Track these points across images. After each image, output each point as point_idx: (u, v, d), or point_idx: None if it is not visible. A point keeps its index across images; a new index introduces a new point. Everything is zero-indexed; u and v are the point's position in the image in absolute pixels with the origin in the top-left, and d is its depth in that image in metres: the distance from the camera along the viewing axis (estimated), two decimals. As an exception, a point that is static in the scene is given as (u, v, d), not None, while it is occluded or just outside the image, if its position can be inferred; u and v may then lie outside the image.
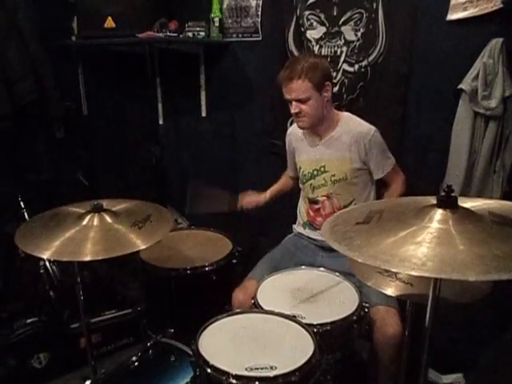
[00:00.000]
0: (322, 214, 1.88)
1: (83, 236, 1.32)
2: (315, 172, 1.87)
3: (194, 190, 2.18)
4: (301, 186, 2.00)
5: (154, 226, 1.42)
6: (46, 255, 1.26)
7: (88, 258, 1.24)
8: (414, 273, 0.77)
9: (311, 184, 1.90)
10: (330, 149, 1.84)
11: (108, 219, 1.40)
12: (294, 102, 1.77)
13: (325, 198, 1.87)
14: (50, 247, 1.27)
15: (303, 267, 1.75)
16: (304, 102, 1.74)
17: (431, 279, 0.99)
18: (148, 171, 2.64)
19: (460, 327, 2.03)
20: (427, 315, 1.02)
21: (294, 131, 1.99)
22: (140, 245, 1.32)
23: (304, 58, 1.80)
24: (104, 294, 2.36)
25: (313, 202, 1.91)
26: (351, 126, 1.82)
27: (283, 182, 2.17)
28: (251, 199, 2.12)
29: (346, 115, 1.87)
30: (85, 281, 2.21)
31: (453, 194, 0.96)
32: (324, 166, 1.85)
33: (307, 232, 1.96)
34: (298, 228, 2.03)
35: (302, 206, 2.00)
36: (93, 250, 1.27)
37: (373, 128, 1.80)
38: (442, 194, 0.97)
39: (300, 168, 1.95)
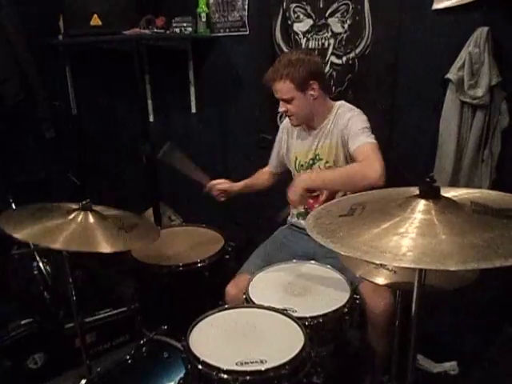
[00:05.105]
0: (320, 200, 1.88)
1: (62, 227, 1.35)
2: (311, 161, 1.88)
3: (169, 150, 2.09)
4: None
5: (134, 235, 1.46)
6: (18, 235, 1.30)
7: (56, 246, 1.27)
8: (394, 263, 0.78)
9: None
10: (322, 137, 1.85)
11: (91, 219, 1.42)
12: (280, 101, 1.78)
13: None
14: (25, 229, 1.31)
15: (294, 260, 1.76)
16: (289, 101, 1.75)
17: (416, 268, 1.00)
18: (139, 169, 2.63)
19: (453, 316, 2.05)
20: (413, 303, 1.02)
21: (288, 124, 1.97)
22: (105, 248, 1.33)
23: (289, 55, 1.77)
24: (98, 293, 2.37)
25: (312, 190, 1.91)
26: (340, 111, 1.81)
27: (258, 177, 2.15)
28: (222, 184, 2.06)
29: (338, 104, 1.85)
30: (79, 280, 2.22)
31: (435, 184, 0.97)
32: (318, 154, 1.86)
33: (301, 223, 1.96)
34: (292, 220, 2.03)
35: None
36: (64, 240, 1.30)
37: (357, 108, 1.79)
38: (425, 184, 0.97)
39: (296, 159, 1.95)
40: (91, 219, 1.42)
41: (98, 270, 2.45)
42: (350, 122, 1.74)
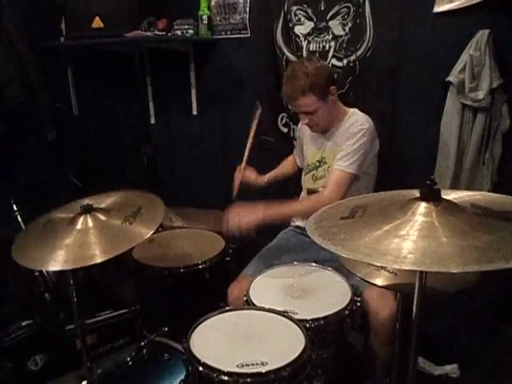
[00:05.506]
0: None
1: (83, 239, 1.31)
2: (317, 163, 1.91)
3: None
4: (303, 177, 2.01)
5: (146, 217, 1.42)
6: (53, 267, 1.24)
7: (99, 260, 1.24)
8: (395, 266, 0.78)
9: (313, 174, 1.93)
10: (330, 142, 1.86)
11: (101, 217, 1.40)
12: (302, 114, 1.78)
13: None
14: (54, 258, 1.25)
15: (295, 263, 1.75)
16: (313, 113, 1.75)
17: (417, 270, 1.00)
18: (140, 171, 2.63)
19: (454, 318, 2.04)
20: (414, 306, 1.02)
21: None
22: (142, 234, 1.32)
23: (302, 68, 1.72)
24: (99, 295, 2.37)
25: (314, 192, 1.92)
26: (353, 120, 1.81)
27: (284, 165, 2.20)
28: (250, 175, 2.10)
29: (352, 111, 1.86)
30: (80, 282, 2.22)
31: (436, 187, 0.97)
32: (324, 158, 1.88)
33: (305, 223, 1.96)
34: (297, 221, 2.04)
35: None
36: (101, 249, 1.27)
37: (367, 123, 1.76)
38: (426, 186, 0.97)
39: (306, 157, 1.99)
40: (99, 218, 1.39)
41: (98, 272, 2.45)
42: (349, 139, 1.75)
